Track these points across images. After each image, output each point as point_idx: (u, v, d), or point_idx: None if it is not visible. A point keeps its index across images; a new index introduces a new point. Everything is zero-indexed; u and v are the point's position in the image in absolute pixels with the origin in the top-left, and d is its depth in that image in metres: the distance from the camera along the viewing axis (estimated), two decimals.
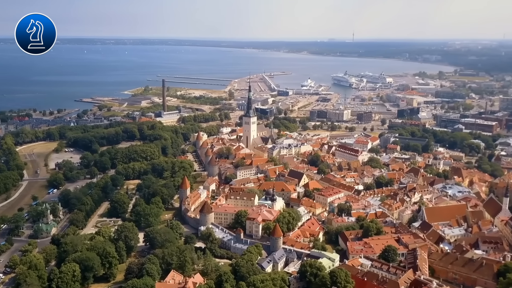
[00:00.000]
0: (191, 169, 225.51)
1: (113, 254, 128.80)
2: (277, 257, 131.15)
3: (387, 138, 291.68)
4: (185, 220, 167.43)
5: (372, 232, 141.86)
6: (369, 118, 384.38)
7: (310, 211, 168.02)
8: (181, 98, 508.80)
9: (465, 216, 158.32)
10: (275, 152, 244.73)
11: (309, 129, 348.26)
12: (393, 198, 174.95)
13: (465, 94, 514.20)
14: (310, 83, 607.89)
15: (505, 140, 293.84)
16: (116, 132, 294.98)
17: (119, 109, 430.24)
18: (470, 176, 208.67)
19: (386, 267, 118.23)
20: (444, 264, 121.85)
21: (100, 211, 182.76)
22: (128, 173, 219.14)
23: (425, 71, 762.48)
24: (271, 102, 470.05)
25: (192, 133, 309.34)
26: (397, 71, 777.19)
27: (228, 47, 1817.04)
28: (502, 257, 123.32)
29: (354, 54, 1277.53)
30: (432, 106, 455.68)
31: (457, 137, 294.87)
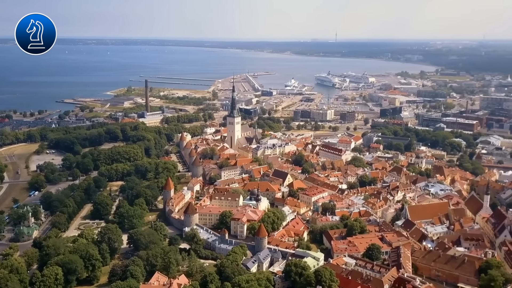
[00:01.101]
0: (175, 170, 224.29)
1: (96, 256, 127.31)
2: (262, 257, 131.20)
3: (370, 137, 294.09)
4: (169, 221, 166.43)
5: (356, 231, 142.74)
6: (352, 118, 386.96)
7: (295, 210, 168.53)
8: (164, 98, 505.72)
9: (447, 214, 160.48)
10: (259, 152, 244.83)
11: (293, 129, 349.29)
12: (377, 197, 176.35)
13: (446, 94, 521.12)
14: (294, 83, 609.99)
15: (486, 138, 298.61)
16: (98, 133, 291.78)
17: (101, 110, 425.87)
18: (452, 175, 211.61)
19: (370, 266, 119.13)
20: (427, 261, 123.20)
21: (83, 213, 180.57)
22: (111, 174, 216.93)
23: (407, 70, 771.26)
24: (255, 102, 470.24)
25: (175, 133, 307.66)
26: (380, 71, 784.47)
27: (211, 47, 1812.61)
28: (483, 253, 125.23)
29: (337, 54, 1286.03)
30: (414, 105, 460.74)
31: (438, 136, 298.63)
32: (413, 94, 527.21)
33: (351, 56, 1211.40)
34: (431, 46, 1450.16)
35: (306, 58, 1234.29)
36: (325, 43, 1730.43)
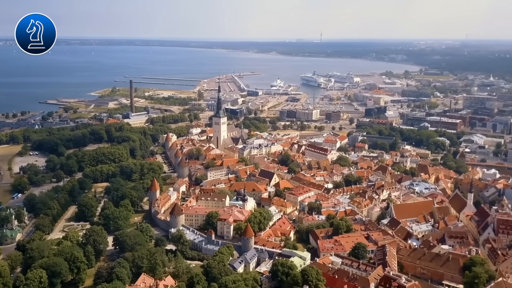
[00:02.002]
0: (160, 171, 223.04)
1: (81, 259, 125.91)
2: (249, 257, 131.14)
3: (355, 137, 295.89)
4: (155, 223, 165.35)
5: (342, 230, 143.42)
6: (337, 118, 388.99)
7: (281, 210, 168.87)
8: (149, 99, 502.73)
9: (431, 212, 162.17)
10: (245, 152, 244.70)
11: (279, 129, 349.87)
12: (362, 196, 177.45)
13: (430, 93, 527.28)
14: (280, 83, 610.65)
15: (469, 137, 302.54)
16: (83, 134, 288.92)
17: (85, 111, 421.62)
18: (436, 173, 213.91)
19: (356, 264, 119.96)
20: (412, 259, 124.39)
21: (67, 215, 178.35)
22: (96, 176, 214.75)
23: (391, 70, 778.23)
24: (241, 102, 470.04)
25: (161, 134, 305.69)
26: (364, 71, 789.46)
27: (197, 47, 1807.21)
28: (467, 251, 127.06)
29: (322, 54, 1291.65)
30: (398, 105, 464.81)
31: (423, 135, 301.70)
32: (397, 94, 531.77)
33: (336, 56, 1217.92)
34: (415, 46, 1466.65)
35: (292, 58, 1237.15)
36: (310, 43, 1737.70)
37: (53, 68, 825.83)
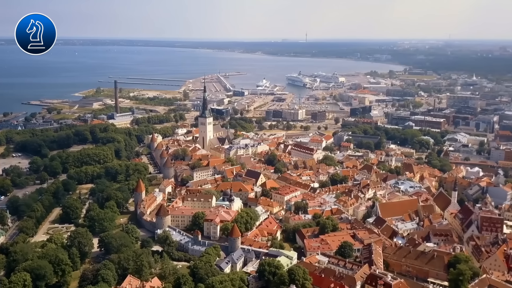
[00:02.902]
0: (146, 172, 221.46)
1: (66, 261, 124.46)
2: (236, 257, 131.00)
3: (340, 136, 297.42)
4: (141, 224, 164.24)
5: (328, 229, 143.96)
6: (323, 117, 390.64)
7: (268, 210, 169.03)
8: (134, 99, 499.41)
9: (416, 210, 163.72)
10: (232, 153, 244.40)
11: (265, 129, 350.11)
12: (348, 195, 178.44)
13: (414, 92, 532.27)
14: (265, 83, 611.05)
15: (453, 136, 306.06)
16: (67, 135, 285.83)
17: (69, 112, 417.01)
18: (421, 172, 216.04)
19: (342, 263, 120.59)
20: (398, 257, 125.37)
21: (52, 218, 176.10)
22: (80, 177, 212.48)
23: (376, 70, 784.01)
24: (227, 103, 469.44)
25: (146, 135, 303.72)
26: (349, 71, 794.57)
27: (182, 47, 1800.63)
28: (452, 248, 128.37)
29: (307, 54, 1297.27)
30: (383, 104, 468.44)
31: (407, 134, 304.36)
32: (382, 93, 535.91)
33: (321, 56, 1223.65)
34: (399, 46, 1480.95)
35: (277, 58, 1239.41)
36: (295, 43, 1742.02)
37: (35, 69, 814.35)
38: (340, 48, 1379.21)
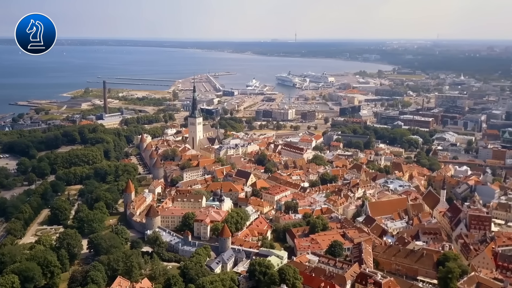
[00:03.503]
0: (135, 173, 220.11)
1: (55, 263, 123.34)
2: (226, 257, 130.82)
3: (330, 136, 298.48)
4: (130, 225, 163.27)
5: (318, 228, 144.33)
6: (312, 117, 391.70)
7: (258, 210, 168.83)
8: (123, 99, 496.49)
9: (406, 209, 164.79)
10: (222, 153, 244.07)
11: (255, 129, 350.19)
12: (338, 194, 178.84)
13: (403, 92, 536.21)
14: (255, 83, 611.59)
15: (441, 135, 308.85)
16: (55, 136, 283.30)
17: (58, 112, 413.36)
18: (410, 171, 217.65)
19: (333, 262, 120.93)
20: (387, 256, 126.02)
21: (40, 219, 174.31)
22: (69, 178, 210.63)
23: (365, 70, 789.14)
24: (216, 103, 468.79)
25: (135, 135, 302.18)
26: (339, 71, 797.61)
27: (171, 47, 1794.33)
28: (441, 247, 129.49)
29: (297, 54, 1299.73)
30: (372, 104, 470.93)
31: (396, 133, 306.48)
32: (371, 93, 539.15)
33: (311, 56, 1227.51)
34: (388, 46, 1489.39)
35: (267, 58, 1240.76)
36: (285, 43, 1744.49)
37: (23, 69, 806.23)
38: (329, 48, 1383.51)
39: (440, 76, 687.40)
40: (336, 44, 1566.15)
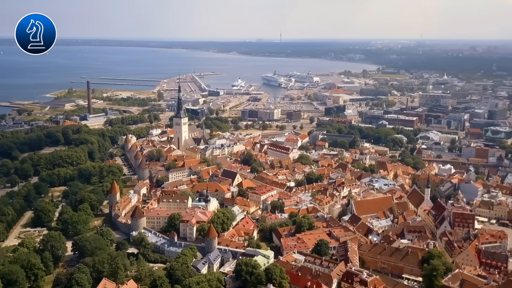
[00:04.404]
0: (120, 173, 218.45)
1: (38, 265, 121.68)
2: (212, 258, 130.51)
3: (315, 135, 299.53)
4: (116, 226, 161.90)
5: (304, 228, 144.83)
6: (298, 117, 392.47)
7: (244, 210, 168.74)
8: (107, 100, 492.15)
9: (391, 207, 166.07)
10: (208, 153, 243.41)
11: (241, 129, 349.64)
12: (323, 193, 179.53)
13: (387, 91, 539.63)
14: (241, 83, 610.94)
15: (425, 134, 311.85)
16: (38, 137, 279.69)
17: (40, 113, 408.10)
18: (395, 169, 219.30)
19: (319, 261, 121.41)
20: (373, 254, 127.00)
21: (23, 221, 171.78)
22: (52, 180, 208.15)
23: (350, 70, 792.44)
24: (202, 103, 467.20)
25: (120, 136, 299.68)
26: (324, 70, 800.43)
27: (156, 47, 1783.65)
28: (425, 244, 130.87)
29: (282, 54, 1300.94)
30: (357, 103, 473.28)
31: (381, 132, 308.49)
32: (356, 93, 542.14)
33: (296, 56, 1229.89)
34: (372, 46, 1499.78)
35: (252, 58, 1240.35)
36: (270, 43, 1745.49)
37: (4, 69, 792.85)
38: (314, 48, 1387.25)
39: (424, 75, 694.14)
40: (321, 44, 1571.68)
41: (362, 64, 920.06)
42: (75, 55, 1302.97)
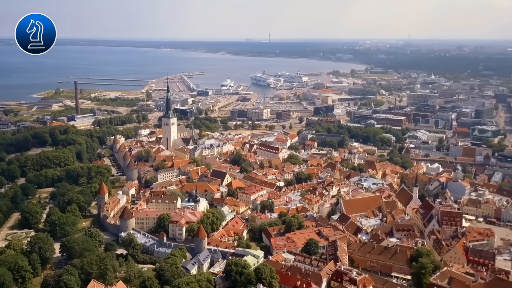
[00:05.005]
0: (108, 174, 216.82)
1: (26, 267, 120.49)
2: (202, 258, 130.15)
3: (305, 135, 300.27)
4: (104, 227, 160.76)
5: (294, 227, 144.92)
6: (287, 117, 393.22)
7: (234, 210, 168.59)
8: (95, 100, 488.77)
9: (380, 206, 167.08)
10: (197, 153, 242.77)
11: (231, 129, 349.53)
12: (313, 193, 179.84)
13: (375, 91, 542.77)
14: (230, 83, 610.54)
15: (413, 133, 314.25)
16: (25, 137, 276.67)
17: (27, 114, 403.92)
18: (383, 169, 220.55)
19: (308, 260, 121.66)
20: (362, 253, 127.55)
21: (10, 223, 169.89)
22: (40, 181, 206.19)
23: (338, 69, 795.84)
24: (191, 103, 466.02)
25: (108, 136, 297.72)
26: (312, 70, 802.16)
27: (144, 47, 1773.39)
28: (414, 243, 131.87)
29: (271, 54, 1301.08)
30: (346, 103, 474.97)
31: (369, 132, 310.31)
32: (344, 92, 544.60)
33: (285, 56, 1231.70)
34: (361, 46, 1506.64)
35: (241, 58, 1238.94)
36: (259, 43, 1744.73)
37: None
38: (303, 48, 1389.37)
39: (412, 75, 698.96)
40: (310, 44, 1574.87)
41: (350, 64, 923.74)
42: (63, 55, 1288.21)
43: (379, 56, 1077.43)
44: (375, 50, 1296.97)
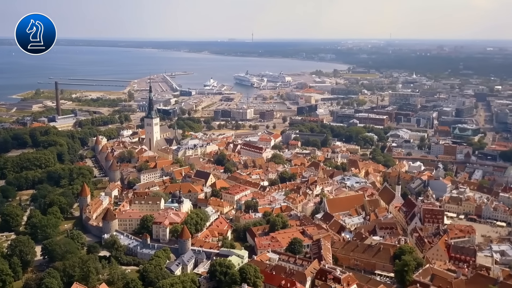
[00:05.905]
0: (90, 176, 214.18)
1: (6, 271, 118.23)
2: (186, 259, 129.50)
3: (288, 134, 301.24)
4: (87, 229, 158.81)
5: (278, 226, 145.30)
6: (271, 116, 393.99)
7: (218, 210, 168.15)
8: (77, 101, 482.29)
9: (363, 205, 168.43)
10: (180, 153, 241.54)
11: (214, 129, 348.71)
12: (297, 192, 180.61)
13: (358, 91, 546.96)
14: (213, 83, 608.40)
15: (395, 132, 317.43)
16: (4, 139, 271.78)
17: (7, 115, 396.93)
18: (366, 167, 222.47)
19: (293, 260, 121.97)
20: (346, 252, 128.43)
21: None
22: (20, 183, 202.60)
23: (321, 69, 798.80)
24: (173, 103, 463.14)
25: (90, 137, 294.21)
26: (295, 70, 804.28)
27: (126, 47, 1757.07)
28: (397, 241, 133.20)
29: (254, 54, 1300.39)
30: (328, 102, 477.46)
31: (352, 131, 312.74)
32: (327, 92, 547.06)
33: (268, 56, 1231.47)
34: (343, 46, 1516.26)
35: (224, 58, 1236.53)
36: (242, 43, 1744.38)
37: None
38: (286, 48, 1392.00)
39: (394, 74, 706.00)
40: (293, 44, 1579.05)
41: (333, 63, 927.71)
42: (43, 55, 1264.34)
43: (361, 56, 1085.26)
44: (357, 50, 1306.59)
